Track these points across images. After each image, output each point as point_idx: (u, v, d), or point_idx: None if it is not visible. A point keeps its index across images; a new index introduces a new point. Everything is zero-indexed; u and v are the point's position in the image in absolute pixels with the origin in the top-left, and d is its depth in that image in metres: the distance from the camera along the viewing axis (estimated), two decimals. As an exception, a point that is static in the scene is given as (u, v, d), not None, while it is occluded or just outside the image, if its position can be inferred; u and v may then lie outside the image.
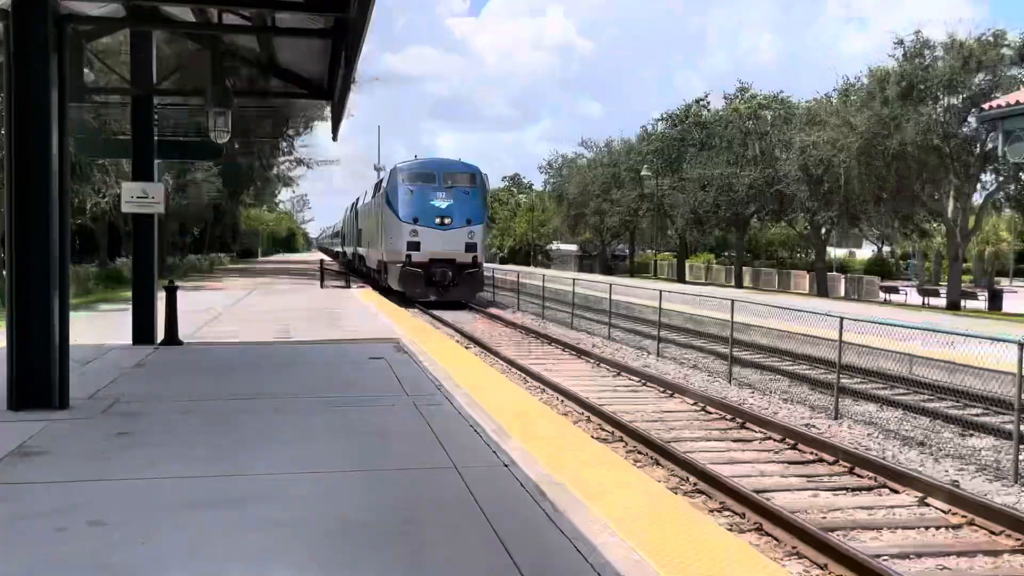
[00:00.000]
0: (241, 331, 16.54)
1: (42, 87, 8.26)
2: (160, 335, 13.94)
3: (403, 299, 30.07)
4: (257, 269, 57.88)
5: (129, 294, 15.24)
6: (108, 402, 8.96)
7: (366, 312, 21.65)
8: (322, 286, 33.38)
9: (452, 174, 32.66)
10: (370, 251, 40.55)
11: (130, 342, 13.88)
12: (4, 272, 9.91)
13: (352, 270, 47.87)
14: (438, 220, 31.22)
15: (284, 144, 52.57)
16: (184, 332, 14.52)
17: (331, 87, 14.11)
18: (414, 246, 30.71)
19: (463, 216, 31.61)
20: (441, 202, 31.43)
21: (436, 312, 28.05)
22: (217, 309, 21.81)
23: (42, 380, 8.39)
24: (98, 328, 16.22)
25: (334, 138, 16.24)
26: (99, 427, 7.83)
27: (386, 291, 32.84)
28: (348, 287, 33.53)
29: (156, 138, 14.20)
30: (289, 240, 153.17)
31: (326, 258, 67.96)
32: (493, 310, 30.51)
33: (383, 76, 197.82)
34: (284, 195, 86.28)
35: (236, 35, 13.34)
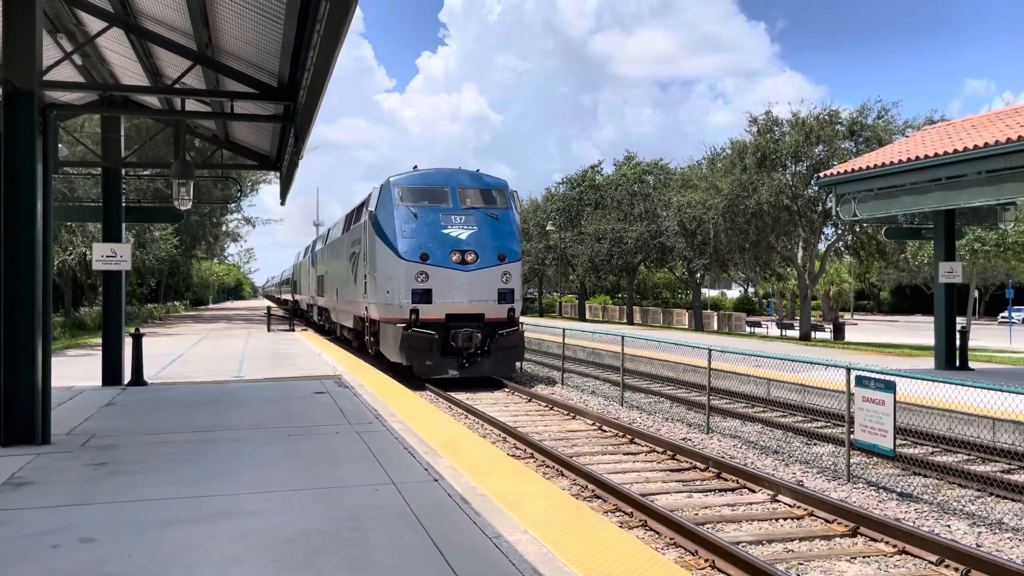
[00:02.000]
0: (199, 372, 16.37)
1: (29, 164, 8.31)
2: (127, 377, 13.77)
3: (397, 370, 18.53)
4: (208, 316, 56.52)
5: (93, 340, 15.11)
6: (85, 437, 8.91)
7: (310, 352, 21.56)
8: (269, 330, 32.89)
9: (472, 190, 19.34)
10: (341, 304, 26.17)
11: (99, 383, 13.67)
12: None
13: (300, 317, 43.37)
14: (457, 257, 18.30)
15: (233, 205, 51.85)
16: (148, 374, 14.36)
17: (280, 160, 14.31)
18: (423, 296, 18.09)
19: (493, 250, 18.64)
20: (460, 230, 18.55)
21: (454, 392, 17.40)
22: (176, 352, 21.43)
23: (27, 419, 8.32)
24: (69, 371, 15.86)
25: (282, 203, 16.29)
26: (80, 459, 7.81)
27: (350, 348, 23.20)
28: (293, 330, 33.08)
29: (124, 204, 14.15)
30: (237, 289, 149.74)
31: (272, 304, 66.81)
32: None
33: (320, 144, 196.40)
34: (232, 249, 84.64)
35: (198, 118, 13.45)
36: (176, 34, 9.44)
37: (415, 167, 20.01)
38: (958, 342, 18.20)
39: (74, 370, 16.28)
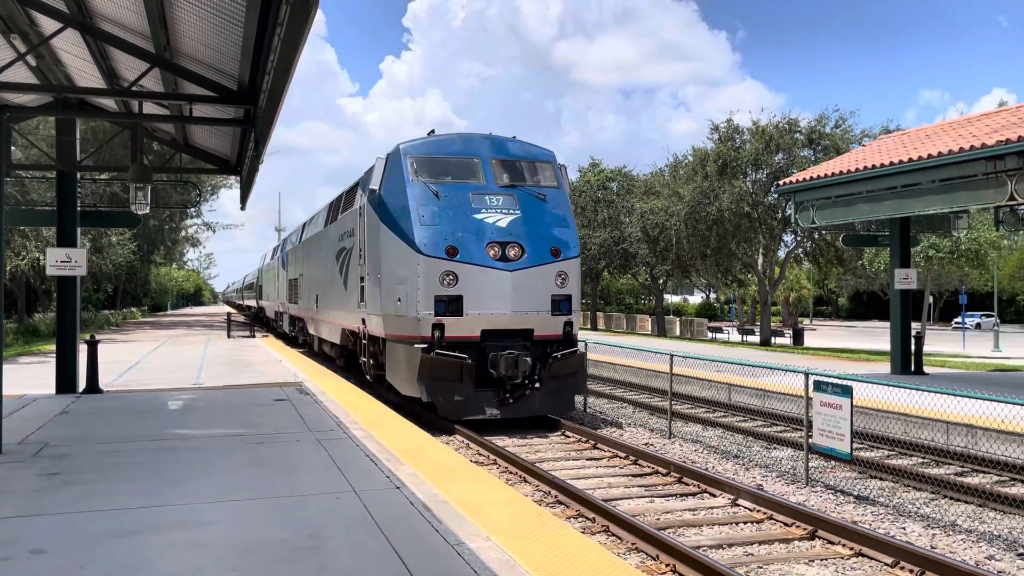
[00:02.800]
0: (156, 379, 16.08)
1: (-21, 168, 8.11)
2: (82, 384, 13.49)
3: (405, 405, 14.20)
4: (167, 322, 55.60)
5: (47, 347, 14.78)
6: (38, 446, 8.70)
7: (271, 359, 21.31)
8: (229, 336, 32.45)
9: (511, 163, 14.46)
10: (323, 314, 21.07)
11: (53, 391, 13.38)
12: None
13: (266, 326, 40.81)
14: (496, 252, 13.39)
15: (193, 210, 51.11)
16: (104, 381, 14.07)
17: (240, 164, 14.14)
18: (450, 305, 13.23)
19: (544, 242, 13.79)
20: (498, 215, 13.65)
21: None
22: (133, 359, 21.04)
23: (-24, 429, 8.10)
24: (21, 379, 15.48)
25: (242, 207, 15.99)
26: (32, 468, 7.63)
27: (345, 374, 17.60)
28: (253, 337, 32.66)
29: (79, 209, 13.87)
30: (197, 295, 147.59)
31: (233, 310, 65.91)
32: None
33: (281, 148, 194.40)
34: (192, 254, 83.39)
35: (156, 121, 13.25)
36: (133, 36, 9.28)
37: (431, 132, 15.07)
38: (913, 347, 18.58)
39: (27, 378, 15.90)
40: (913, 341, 18.59)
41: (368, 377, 16.18)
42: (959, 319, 53.11)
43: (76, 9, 8.68)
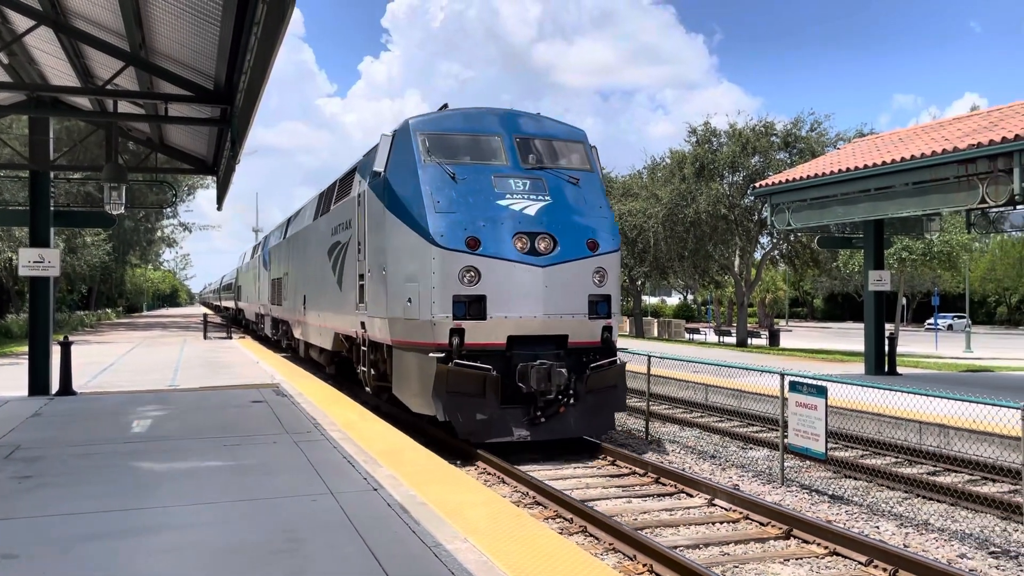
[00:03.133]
0: (131, 381, 15.90)
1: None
2: (55, 386, 13.31)
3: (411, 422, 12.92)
4: (142, 323, 55.03)
5: (18, 348, 14.55)
6: (9, 449, 8.57)
7: (248, 360, 21.14)
8: (205, 337, 32.18)
9: (538, 142, 12.70)
10: (312, 316, 19.16)
11: (26, 393, 13.20)
12: None
13: (246, 328, 39.60)
14: (524, 244, 11.52)
15: (169, 210, 50.63)
16: (77, 383, 13.90)
17: (216, 164, 14.02)
18: (471, 306, 11.40)
19: (579, 233, 11.99)
20: (526, 202, 11.84)
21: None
22: (107, 361, 20.80)
23: (-54, 432, 7.96)
24: (-8, 381, 15.25)
25: (219, 208, 15.86)
26: (3, 471, 7.51)
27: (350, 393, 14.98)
28: (230, 338, 32.41)
29: (52, 209, 13.69)
30: (173, 296, 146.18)
31: (209, 311, 65.37)
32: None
33: (259, 148, 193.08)
34: (168, 255, 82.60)
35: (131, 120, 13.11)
36: (108, 34, 9.18)
37: (444, 106, 13.17)
38: (887, 348, 18.79)
39: (-2, 380, 15.66)
40: (887, 342, 18.80)
41: (368, 389, 14.22)
42: (932, 320, 53.81)
43: (50, 7, 8.57)
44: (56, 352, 13.60)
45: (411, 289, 11.63)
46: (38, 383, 13.22)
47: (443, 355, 11.08)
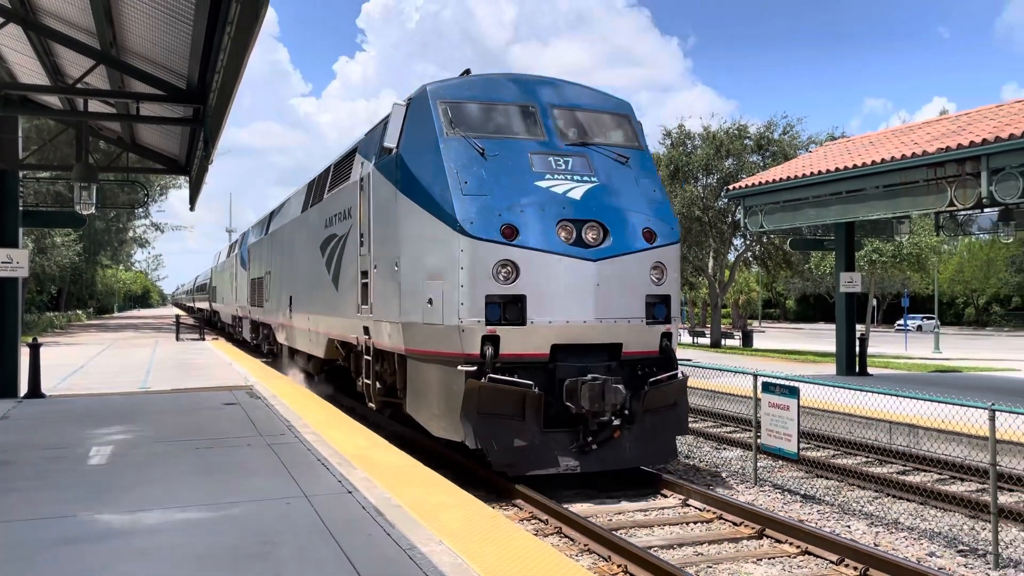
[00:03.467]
0: (102, 383, 15.68)
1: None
2: (23, 389, 13.10)
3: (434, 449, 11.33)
4: (113, 325, 54.34)
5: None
6: (-24, 453, 8.42)
7: (221, 362, 20.94)
8: (177, 339, 31.82)
9: (578, 114, 10.97)
10: (300, 319, 17.36)
11: (-7, 396, 12.97)
12: None
13: (222, 332, 38.38)
14: (569, 233, 9.61)
15: (141, 210, 50.04)
16: (46, 386, 13.69)
17: (189, 164, 13.88)
18: (508, 308, 9.45)
19: (633, 220, 10.08)
20: (569, 183, 9.93)
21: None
22: (78, 363, 20.50)
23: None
24: (-41, 384, 14.94)
25: (191, 208, 15.70)
26: (-31, 477, 7.38)
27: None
28: (203, 339, 32.08)
29: (21, 208, 13.48)
30: (144, 297, 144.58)
31: (182, 313, 64.65)
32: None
33: (232, 148, 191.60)
34: (140, 255, 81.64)
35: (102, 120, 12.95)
36: (78, 32, 9.05)
37: (466, 71, 11.32)
38: (858, 349, 19.02)
39: (-36, 382, 15.34)
40: (858, 343, 19.03)
41: (371, 405, 12.24)
42: (901, 321, 54.55)
43: (19, 4, 8.44)
44: (25, 354, 13.39)
45: (432, 288, 9.75)
46: (5, 386, 12.99)
47: (474, 368, 9.18)
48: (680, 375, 10.29)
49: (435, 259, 9.75)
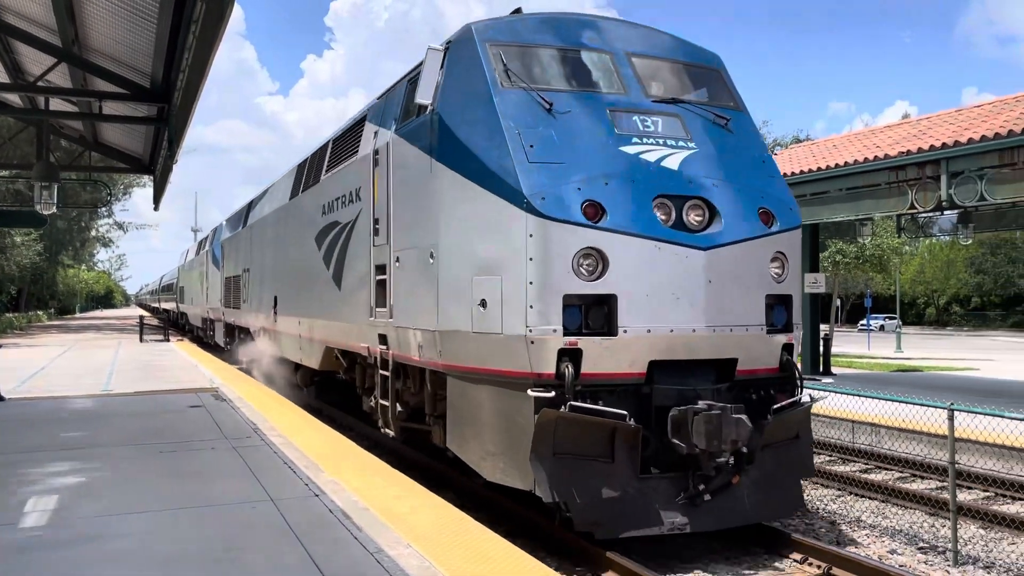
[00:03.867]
0: (63, 385, 15.39)
1: None
2: (-18, 392, 12.81)
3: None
4: (75, 326, 53.36)
5: (-54, 353, 13.99)
6: (-69, 459, 8.22)
7: (186, 364, 20.65)
8: (141, 340, 31.33)
9: (666, 65, 8.55)
10: (286, 324, 15.08)
11: (-50, 400, 12.67)
12: None
13: (181, 329, 37.74)
14: (667, 214, 7.15)
15: (104, 209, 49.26)
16: (5, 388, 13.41)
17: (153, 163, 13.70)
18: (590, 314, 6.95)
19: (745, 196, 7.57)
20: (662, 148, 7.45)
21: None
22: (38, 364, 20.10)
23: None
24: (-86, 387, 14.59)
25: (156, 207, 15.45)
26: (-76, 483, 7.20)
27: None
28: (167, 340, 31.61)
29: (-21, 208, 13.22)
30: (108, 297, 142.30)
31: (146, 313, 63.73)
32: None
33: (197, 147, 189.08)
34: (103, 255, 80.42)
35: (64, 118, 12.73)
36: (39, 29, 8.89)
37: (518, 10, 8.92)
38: (822, 348, 19.29)
39: (-80, 385, 14.99)
40: (822, 343, 19.30)
41: (389, 432, 9.93)
42: (864, 321, 55.45)
43: (-24, -1, 8.27)
44: (-17, 356, 13.10)
45: (485, 285, 7.40)
46: (-37, 389, 12.71)
47: (551, 393, 6.82)
48: (808, 399, 8.10)
49: (490, 247, 7.43)
